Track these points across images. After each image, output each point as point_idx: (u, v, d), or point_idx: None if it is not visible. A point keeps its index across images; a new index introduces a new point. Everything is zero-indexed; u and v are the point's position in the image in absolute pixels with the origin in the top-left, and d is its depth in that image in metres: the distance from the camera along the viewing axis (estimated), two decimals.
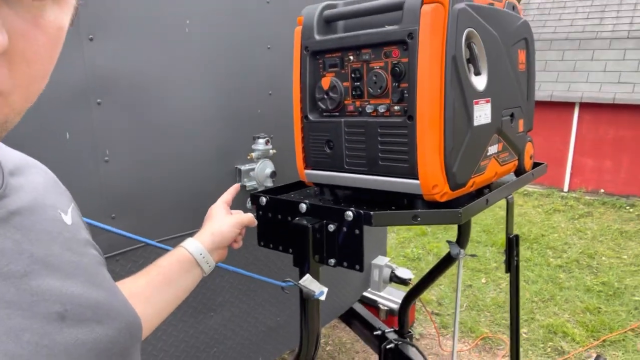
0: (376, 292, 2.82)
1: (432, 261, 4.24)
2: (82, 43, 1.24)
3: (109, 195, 1.34)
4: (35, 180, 0.67)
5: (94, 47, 1.25)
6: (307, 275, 1.05)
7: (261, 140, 1.64)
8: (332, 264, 1.08)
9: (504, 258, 1.73)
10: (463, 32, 0.98)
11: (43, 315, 0.53)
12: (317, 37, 1.14)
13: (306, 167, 1.24)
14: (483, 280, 3.98)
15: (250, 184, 1.63)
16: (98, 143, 1.29)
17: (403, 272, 2.34)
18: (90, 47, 1.25)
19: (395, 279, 2.35)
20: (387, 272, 2.35)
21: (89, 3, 1.21)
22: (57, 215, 0.65)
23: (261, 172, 1.63)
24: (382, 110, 1.06)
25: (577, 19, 7.25)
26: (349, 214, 1.02)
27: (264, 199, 1.19)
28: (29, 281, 0.53)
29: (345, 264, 1.06)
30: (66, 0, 0.50)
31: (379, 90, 1.05)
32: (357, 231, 1.02)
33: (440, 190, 1.01)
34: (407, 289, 2.34)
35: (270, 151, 1.67)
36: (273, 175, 1.65)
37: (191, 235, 1.01)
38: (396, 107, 1.04)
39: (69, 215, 0.69)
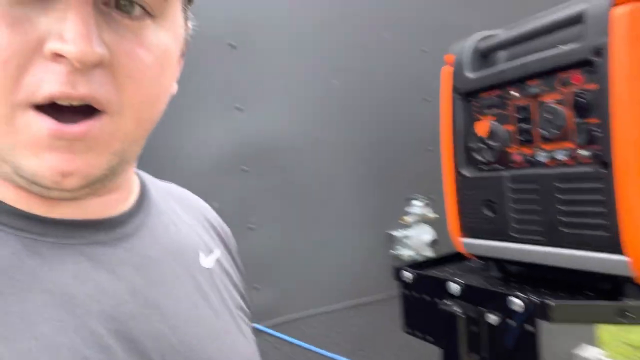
0: None
1: None
2: (231, 113, 1.25)
3: (253, 264, 1.29)
4: (179, 217, 0.67)
5: (242, 116, 1.25)
6: None
7: (417, 202, 1.43)
8: None
9: None
10: None
11: None
12: (470, 74, 0.93)
13: (463, 235, 0.99)
14: None
15: (405, 252, 1.42)
16: (243, 210, 1.26)
17: None
18: (238, 116, 1.25)
19: None
20: None
21: (235, 76, 1.23)
22: (195, 255, 0.64)
23: (418, 238, 1.42)
24: (562, 158, 0.77)
25: None
26: (516, 301, 0.74)
27: (408, 274, 0.98)
28: (133, 326, 0.51)
29: None
30: (171, 26, 0.51)
31: (555, 132, 0.78)
32: (529, 327, 0.73)
33: None
34: None
35: (430, 215, 1.45)
36: (433, 243, 1.41)
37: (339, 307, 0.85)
38: (583, 152, 0.74)
39: (211, 258, 0.67)
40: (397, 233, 1.44)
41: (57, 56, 0.41)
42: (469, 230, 0.97)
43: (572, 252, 0.77)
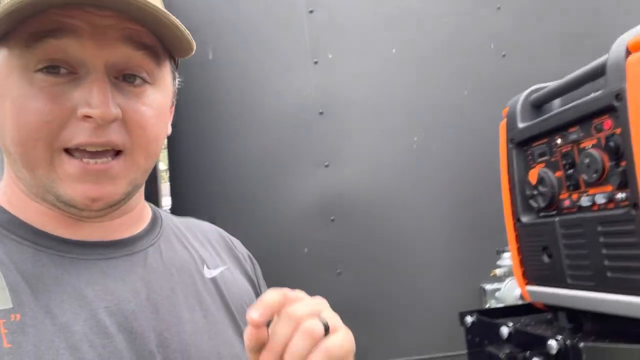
0: None
1: None
2: (319, 169, 1.43)
3: (341, 309, 1.39)
4: (187, 239, 0.83)
5: (328, 172, 1.43)
6: None
7: (507, 255, 1.41)
8: None
9: None
10: None
11: (135, 351, 0.62)
12: (521, 124, 0.97)
13: (527, 283, 0.99)
14: None
15: (497, 306, 1.39)
16: (332, 257, 1.40)
17: None
18: (325, 172, 1.43)
19: None
20: None
21: (323, 136, 1.42)
22: (199, 268, 0.78)
23: (509, 292, 1.39)
24: (602, 201, 0.77)
25: None
26: (552, 344, 0.74)
27: (469, 319, 1.00)
28: (133, 321, 0.64)
29: None
30: (163, 87, 0.70)
31: (594, 176, 0.79)
32: None
33: None
34: None
35: None
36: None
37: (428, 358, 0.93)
38: (619, 195, 0.74)
39: (216, 270, 0.81)
40: (489, 286, 1.43)
41: (86, 117, 0.59)
42: (532, 277, 0.97)
43: (618, 297, 0.75)
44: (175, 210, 1.44)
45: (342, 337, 0.57)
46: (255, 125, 1.36)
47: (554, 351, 0.74)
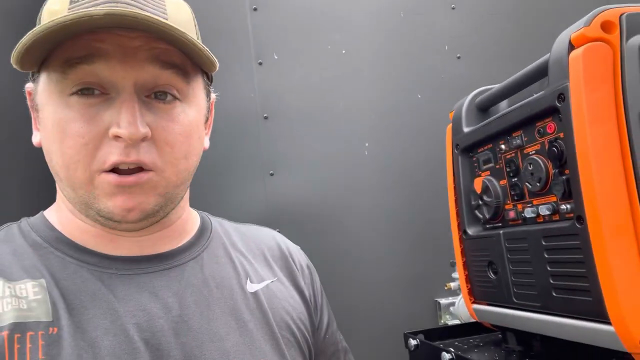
0: None
1: None
2: (265, 177, 1.33)
3: None
4: (238, 250, 0.84)
5: (274, 181, 1.33)
6: None
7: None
8: None
9: None
10: None
11: None
12: (466, 129, 0.90)
13: (474, 301, 0.91)
14: None
15: (453, 322, 1.32)
16: None
17: None
18: (271, 180, 1.33)
19: None
20: None
21: (268, 142, 1.33)
22: (241, 282, 0.78)
23: (463, 308, 1.31)
24: (546, 213, 0.70)
25: None
26: None
27: (412, 342, 0.92)
28: (161, 337, 0.65)
29: None
30: (194, 103, 0.72)
31: (538, 185, 0.72)
32: None
33: None
34: None
35: None
36: None
37: None
38: (564, 207, 0.67)
39: (262, 285, 0.80)
40: (443, 300, 1.35)
41: (117, 137, 0.62)
42: (478, 295, 0.90)
43: (564, 320, 0.67)
44: None
45: None
46: None
47: None
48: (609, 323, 0.59)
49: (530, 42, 1.45)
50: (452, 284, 1.32)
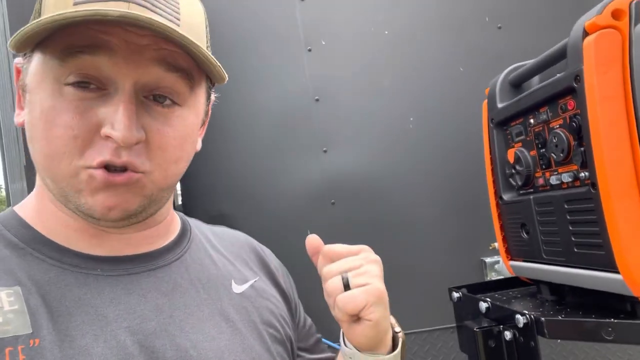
0: None
1: None
2: (319, 155, 1.47)
3: None
4: (218, 252, 0.83)
5: (327, 157, 1.47)
6: None
7: None
8: None
9: None
10: None
11: None
12: (500, 104, 0.99)
13: (511, 258, 1.02)
14: None
15: (498, 278, 1.43)
16: (333, 239, 1.45)
17: None
18: (325, 157, 1.47)
19: None
20: None
21: (320, 122, 1.46)
22: (226, 283, 0.77)
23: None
24: (568, 180, 0.80)
25: None
26: (519, 318, 0.78)
27: (455, 295, 1.04)
28: (154, 339, 0.62)
29: None
30: (193, 108, 0.68)
31: (561, 155, 0.81)
32: (532, 343, 0.76)
33: None
34: None
35: None
36: None
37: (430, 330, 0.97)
38: (583, 174, 0.77)
39: (247, 285, 0.80)
40: (489, 259, 1.46)
41: (109, 137, 0.59)
42: (514, 252, 1.01)
43: (583, 272, 0.78)
44: (186, 207, 1.52)
45: (351, 295, 0.69)
46: (253, 117, 1.41)
47: (521, 325, 0.78)
48: (617, 272, 0.70)
49: (571, 12, 1.47)
50: (496, 244, 1.42)
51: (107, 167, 0.61)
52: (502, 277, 1.39)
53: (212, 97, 0.78)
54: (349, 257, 0.75)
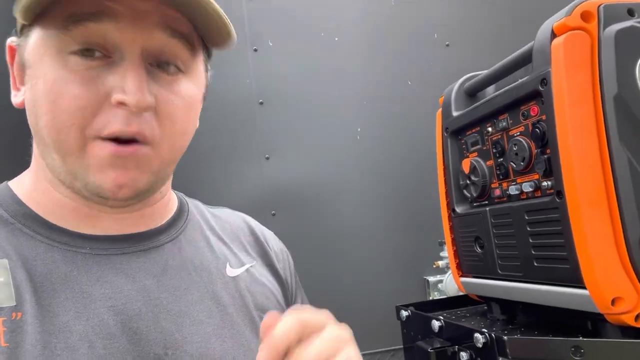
0: None
1: None
2: (261, 161, 1.38)
3: None
4: (216, 233, 0.81)
5: (269, 164, 1.38)
6: None
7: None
8: None
9: None
10: (636, 62, 0.65)
11: (138, 353, 0.59)
12: (455, 113, 0.95)
13: (462, 275, 0.97)
14: None
15: (440, 298, 1.39)
16: None
17: None
18: (267, 164, 1.38)
19: None
20: None
21: (263, 130, 1.37)
22: (220, 266, 0.75)
23: (451, 284, 1.38)
24: (529, 190, 0.76)
25: None
26: (478, 337, 0.72)
27: (404, 313, 0.98)
28: (138, 320, 0.61)
29: None
30: (196, 77, 0.68)
31: (522, 164, 0.77)
32: None
33: (628, 306, 0.61)
34: None
35: None
36: None
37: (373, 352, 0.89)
38: (545, 183, 0.73)
39: (242, 269, 0.79)
40: (432, 278, 1.42)
41: (120, 104, 0.57)
42: (466, 268, 0.96)
43: (543, 287, 0.73)
44: None
45: None
46: None
47: (480, 344, 0.72)
48: (583, 287, 0.66)
49: (517, 30, 1.51)
50: (441, 262, 1.39)
51: (117, 140, 0.59)
52: (444, 296, 1.35)
53: (209, 72, 0.76)
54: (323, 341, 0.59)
